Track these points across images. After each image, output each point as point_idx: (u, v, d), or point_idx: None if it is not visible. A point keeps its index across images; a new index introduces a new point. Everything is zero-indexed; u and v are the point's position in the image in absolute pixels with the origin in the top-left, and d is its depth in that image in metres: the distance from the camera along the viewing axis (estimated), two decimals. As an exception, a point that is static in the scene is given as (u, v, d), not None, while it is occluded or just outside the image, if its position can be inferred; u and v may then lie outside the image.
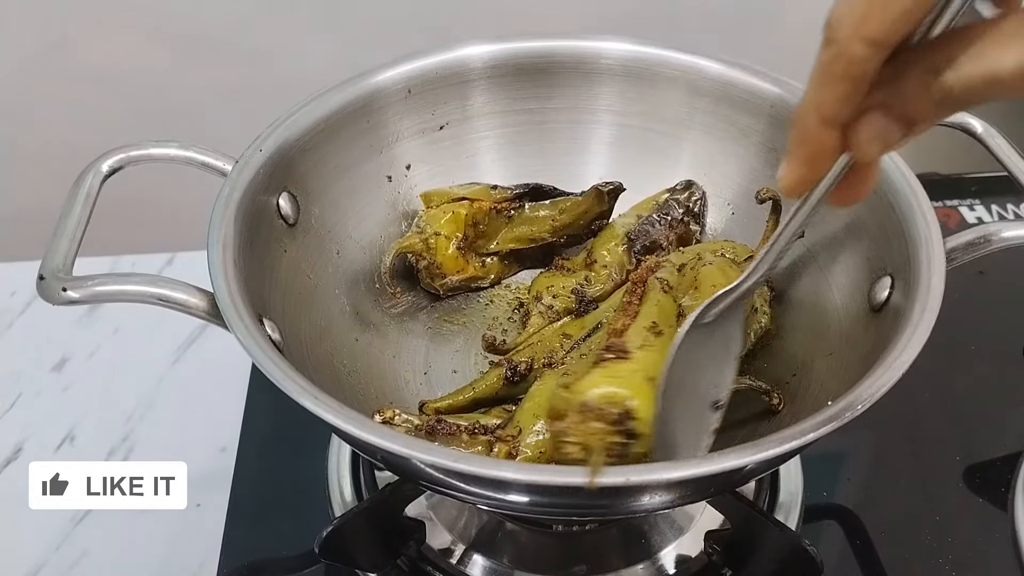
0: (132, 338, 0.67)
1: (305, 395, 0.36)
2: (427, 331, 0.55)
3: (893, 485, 0.56)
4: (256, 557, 0.52)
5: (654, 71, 0.56)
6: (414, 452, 0.34)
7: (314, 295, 0.51)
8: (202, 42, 0.99)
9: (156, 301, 0.41)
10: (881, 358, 0.39)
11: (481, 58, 0.56)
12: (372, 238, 0.55)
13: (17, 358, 0.66)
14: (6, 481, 0.58)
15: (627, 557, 0.51)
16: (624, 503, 0.39)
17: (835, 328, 0.48)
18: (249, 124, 0.50)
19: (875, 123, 0.32)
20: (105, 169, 0.47)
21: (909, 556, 0.52)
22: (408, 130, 0.56)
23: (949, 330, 0.42)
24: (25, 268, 0.65)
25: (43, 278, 0.40)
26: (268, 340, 0.40)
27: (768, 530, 0.48)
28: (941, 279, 0.41)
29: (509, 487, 0.36)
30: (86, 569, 0.53)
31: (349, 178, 0.54)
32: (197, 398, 0.63)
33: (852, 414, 0.36)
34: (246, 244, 0.44)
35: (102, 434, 0.60)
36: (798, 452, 0.41)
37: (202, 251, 0.42)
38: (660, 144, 0.58)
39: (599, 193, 0.56)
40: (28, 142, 1.04)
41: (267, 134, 0.49)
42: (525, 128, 0.58)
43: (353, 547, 0.50)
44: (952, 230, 0.43)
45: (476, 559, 0.51)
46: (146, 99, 1.02)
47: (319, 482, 0.55)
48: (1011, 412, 0.61)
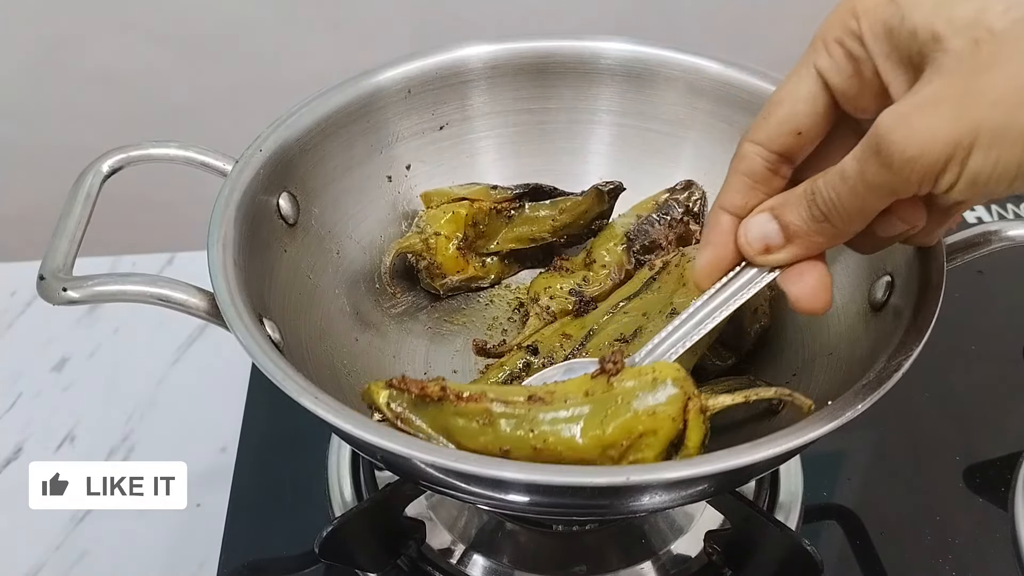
0: (132, 338, 0.67)
1: (305, 395, 0.36)
2: (427, 331, 0.55)
3: (893, 485, 0.56)
4: (256, 557, 0.52)
5: (654, 71, 0.56)
6: (413, 452, 0.34)
7: (314, 295, 0.51)
8: (202, 42, 0.99)
9: (156, 301, 0.41)
10: (881, 358, 0.39)
11: (481, 58, 0.56)
12: (372, 238, 0.55)
13: (17, 358, 0.66)
14: (6, 481, 0.58)
15: (627, 557, 0.51)
16: (624, 503, 0.39)
17: (835, 328, 0.48)
18: (249, 124, 0.50)
19: (758, 221, 0.37)
20: (105, 169, 0.47)
21: (909, 556, 0.52)
22: (408, 130, 0.56)
23: (949, 330, 0.42)
24: (25, 268, 0.65)
25: (43, 278, 0.40)
26: (268, 340, 0.40)
27: (768, 530, 0.48)
28: (941, 279, 0.41)
29: (509, 487, 0.36)
30: (86, 569, 0.53)
31: (349, 178, 0.54)
32: (197, 398, 0.63)
33: (852, 414, 0.36)
34: (246, 244, 0.44)
35: (102, 434, 0.60)
36: (798, 452, 0.41)
37: (202, 251, 0.42)
38: (660, 144, 0.58)
39: (599, 193, 0.56)
40: (29, 142, 1.04)
41: (267, 134, 0.49)
42: (525, 128, 0.58)
43: (353, 547, 0.50)
44: (952, 230, 0.43)
45: (476, 559, 0.51)
46: (146, 99, 1.02)
47: (319, 482, 0.55)
48: (1011, 412, 0.61)
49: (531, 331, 0.53)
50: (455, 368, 0.53)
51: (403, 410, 0.38)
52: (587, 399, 0.37)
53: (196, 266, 0.43)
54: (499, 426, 0.37)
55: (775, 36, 1.06)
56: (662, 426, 0.36)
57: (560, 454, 0.36)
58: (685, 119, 0.57)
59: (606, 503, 0.39)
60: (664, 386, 0.37)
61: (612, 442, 0.36)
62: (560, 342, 0.51)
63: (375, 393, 0.39)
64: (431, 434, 0.38)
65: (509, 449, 0.37)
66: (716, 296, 0.39)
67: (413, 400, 0.38)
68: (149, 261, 0.73)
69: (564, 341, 0.51)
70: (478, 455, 0.44)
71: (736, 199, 0.38)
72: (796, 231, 0.36)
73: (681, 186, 0.56)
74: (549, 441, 0.36)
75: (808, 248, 0.36)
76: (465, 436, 0.37)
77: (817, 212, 0.35)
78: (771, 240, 0.37)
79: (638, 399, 0.37)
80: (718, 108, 0.55)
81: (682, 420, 0.36)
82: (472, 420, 0.37)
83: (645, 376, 0.37)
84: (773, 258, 0.37)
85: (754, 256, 0.37)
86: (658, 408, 0.36)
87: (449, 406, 0.38)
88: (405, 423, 0.38)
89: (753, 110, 0.54)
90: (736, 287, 0.39)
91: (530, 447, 0.36)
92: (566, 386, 0.38)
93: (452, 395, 0.38)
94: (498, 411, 0.37)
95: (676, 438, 0.37)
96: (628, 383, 0.37)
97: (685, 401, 0.37)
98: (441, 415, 0.38)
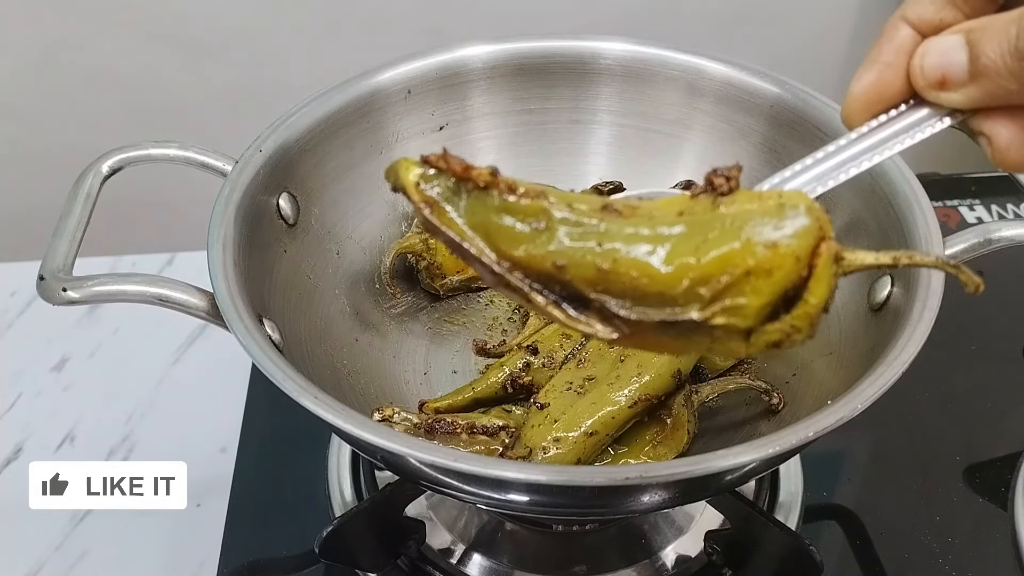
0: (132, 338, 0.67)
1: (305, 395, 0.36)
2: (427, 331, 0.55)
3: (893, 485, 0.56)
4: (256, 557, 0.52)
5: (654, 71, 0.56)
6: (413, 451, 0.34)
7: (314, 295, 0.51)
8: (202, 42, 0.99)
9: (156, 301, 0.41)
10: (881, 357, 0.39)
11: (481, 58, 0.56)
12: (372, 238, 0.55)
13: (17, 358, 0.66)
14: (6, 481, 0.58)
15: (627, 557, 0.51)
16: (624, 503, 0.39)
17: (835, 327, 0.48)
18: (249, 124, 0.50)
19: (945, 44, 0.29)
20: (105, 169, 0.47)
21: (909, 556, 0.52)
22: (408, 130, 0.56)
23: (949, 330, 0.42)
24: (25, 268, 0.65)
25: (43, 278, 0.40)
26: (268, 340, 0.40)
27: (768, 530, 0.48)
28: (941, 279, 0.41)
29: (509, 487, 0.36)
30: (86, 569, 0.53)
31: (349, 178, 0.54)
32: (197, 398, 0.63)
33: (852, 414, 0.36)
34: (246, 244, 0.44)
35: (102, 434, 0.60)
36: (798, 452, 0.41)
37: (202, 251, 0.42)
38: (660, 144, 0.58)
39: (599, 193, 0.56)
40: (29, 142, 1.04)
41: (267, 134, 0.49)
42: (525, 128, 0.58)
43: (353, 547, 0.50)
44: (952, 230, 0.43)
45: (476, 559, 0.51)
46: (146, 99, 1.02)
47: (319, 482, 0.55)
48: (1011, 412, 0.61)
49: (531, 331, 0.53)
50: (455, 368, 0.53)
51: (437, 195, 0.29)
52: (681, 219, 0.28)
53: (196, 266, 0.43)
54: (556, 233, 0.28)
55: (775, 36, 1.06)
56: (781, 265, 0.27)
57: (633, 281, 0.27)
58: (685, 119, 0.57)
59: (606, 503, 0.39)
60: (795, 214, 0.27)
61: (706, 276, 0.27)
62: (560, 342, 0.51)
63: (405, 170, 0.30)
64: (465, 233, 0.29)
65: (565, 265, 0.28)
66: (869, 136, 0.31)
67: (452, 185, 0.29)
68: (149, 261, 0.73)
69: (564, 341, 0.51)
70: (478, 455, 0.44)
71: (927, 9, 0.29)
72: (987, 67, 0.28)
73: (681, 186, 0.56)
74: (619, 261, 0.27)
75: (992, 94, 0.28)
76: (509, 241, 0.29)
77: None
78: (952, 71, 0.29)
79: (754, 225, 0.27)
80: (718, 108, 0.55)
81: (807, 265, 0.27)
82: (524, 220, 0.29)
83: (768, 200, 0.28)
84: (947, 96, 0.29)
85: (924, 88, 0.30)
86: (781, 241, 0.27)
87: (497, 198, 0.29)
88: (436, 213, 0.29)
89: (753, 110, 0.54)
90: (898, 128, 0.31)
91: (593, 267, 0.28)
92: (655, 203, 0.29)
93: (504, 184, 0.29)
94: (559, 215, 0.28)
95: (793, 288, 0.27)
96: (744, 206, 0.28)
97: (818, 240, 0.27)
98: (484, 209, 0.29)
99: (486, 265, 0.29)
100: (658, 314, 0.28)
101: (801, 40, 1.07)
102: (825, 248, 0.27)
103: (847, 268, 0.28)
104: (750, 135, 0.55)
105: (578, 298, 0.28)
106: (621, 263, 0.27)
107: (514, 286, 0.29)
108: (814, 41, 1.08)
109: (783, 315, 0.27)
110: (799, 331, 0.28)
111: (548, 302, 0.29)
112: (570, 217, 0.28)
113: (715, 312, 0.27)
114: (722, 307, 0.27)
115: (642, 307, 0.28)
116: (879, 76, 0.30)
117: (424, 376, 0.53)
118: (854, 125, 0.31)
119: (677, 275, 0.27)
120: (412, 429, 0.45)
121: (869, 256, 0.28)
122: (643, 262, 0.27)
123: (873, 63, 0.30)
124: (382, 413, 0.45)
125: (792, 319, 0.27)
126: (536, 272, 0.28)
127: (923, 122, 0.30)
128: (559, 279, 0.28)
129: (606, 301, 0.28)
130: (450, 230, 0.29)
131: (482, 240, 0.29)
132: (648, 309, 0.28)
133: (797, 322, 0.27)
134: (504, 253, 0.29)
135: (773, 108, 0.53)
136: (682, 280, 0.27)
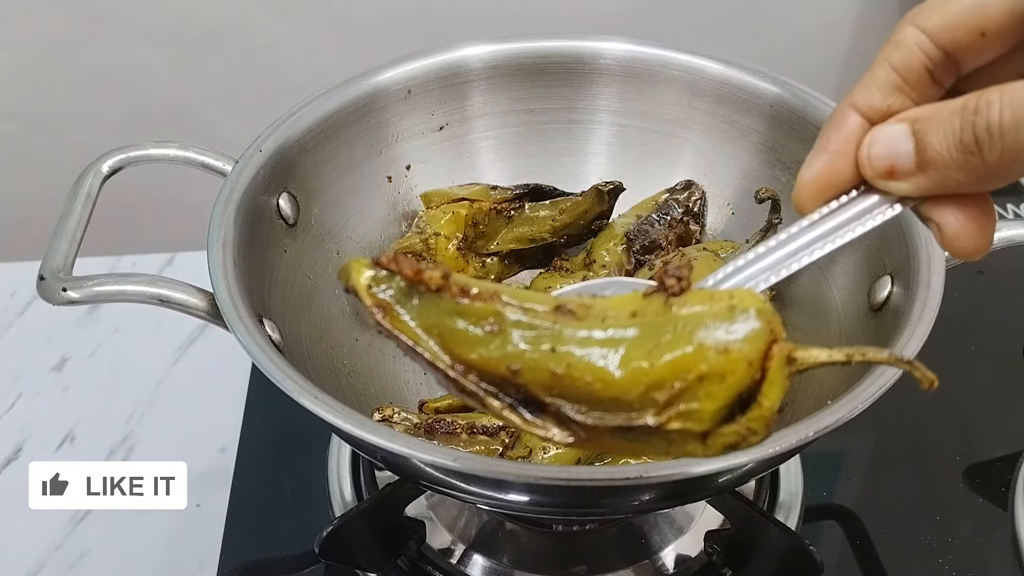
0: (132, 338, 0.67)
1: (305, 395, 0.36)
2: (427, 331, 0.55)
3: (893, 485, 0.56)
4: (256, 557, 0.52)
5: (654, 71, 0.56)
6: (413, 452, 0.34)
7: (314, 295, 0.51)
8: (202, 42, 0.99)
9: (156, 301, 0.41)
10: (881, 358, 0.39)
11: (481, 58, 0.56)
12: (372, 238, 0.55)
13: (17, 358, 0.66)
14: (6, 481, 0.58)
15: (627, 557, 0.51)
16: (624, 502, 0.39)
17: (835, 328, 0.48)
18: (249, 124, 0.50)
19: (891, 133, 0.29)
20: (105, 169, 0.47)
21: (909, 556, 0.52)
22: (408, 130, 0.56)
23: (949, 330, 0.42)
24: (25, 268, 0.65)
25: (43, 278, 0.40)
26: (268, 340, 0.40)
27: (768, 530, 0.48)
28: (941, 279, 0.41)
29: (509, 487, 0.36)
30: (86, 569, 0.53)
31: (349, 178, 0.54)
32: (197, 398, 0.63)
33: (852, 414, 0.36)
34: (246, 244, 0.44)
35: (102, 434, 0.60)
36: (798, 451, 0.41)
37: (202, 251, 0.42)
38: (660, 144, 0.58)
39: (599, 193, 0.56)
40: (28, 142, 1.04)
41: (267, 134, 0.49)
42: (525, 128, 0.59)
43: (353, 547, 0.50)
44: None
45: (476, 559, 0.51)
46: (146, 99, 1.02)
47: (319, 482, 0.55)
48: (1011, 412, 0.61)
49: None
50: (455, 368, 0.53)
51: (388, 298, 0.28)
52: (634, 320, 0.27)
53: (196, 266, 0.43)
54: (510, 336, 0.27)
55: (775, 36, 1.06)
56: (734, 370, 0.26)
57: (587, 386, 0.27)
58: (685, 119, 0.57)
59: (606, 503, 0.39)
60: (745, 317, 0.27)
61: (660, 381, 0.27)
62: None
63: (355, 272, 0.28)
64: (419, 336, 0.28)
65: (519, 369, 0.27)
66: (820, 224, 0.30)
67: (404, 287, 0.28)
68: (149, 261, 0.73)
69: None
70: (478, 455, 0.44)
71: (875, 97, 0.29)
72: (934, 158, 0.27)
73: (681, 186, 0.56)
74: (574, 365, 0.27)
75: (940, 184, 0.28)
76: (463, 343, 0.28)
77: (970, 138, 0.26)
78: (899, 162, 0.28)
79: (706, 329, 0.27)
80: (718, 108, 0.56)
81: (760, 368, 0.27)
82: (476, 323, 0.28)
83: (719, 302, 0.27)
84: (896, 186, 0.29)
85: (873, 178, 0.29)
86: (732, 345, 0.26)
87: (450, 300, 0.28)
88: (389, 316, 0.28)
89: (753, 110, 0.54)
90: (849, 215, 0.30)
91: (548, 371, 0.27)
92: (608, 302, 0.28)
93: (456, 287, 0.28)
94: (512, 317, 0.28)
95: (747, 391, 0.27)
96: (695, 307, 0.27)
97: (769, 343, 0.27)
98: (436, 311, 0.28)
99: (440, 370, 0.28)
100: (613, 419, 0.27)
101: (801, 40, 1.07)
102: (777, 350, 0.27)
103: (800, 367, 0.28)
104: (750, 135, 0.55)
105: (534, 402, 0.28)
106: (575, 367, 0.27)
107: (469, 391, 0.28)
108: (814, 41, 1.08)
109: (739, 416, 0.27)
110: (755, 433, 0.27)
111: (504, 406, 0.28)
112: (523, 319, 0.28)
113: (670, 417, 0.27)
114: (677, 412, 0.27)
115: (598, 412, 0.28)
116: (828, 165, 0.30)
117: (424, 376, 0.53)
118: (806, 212, 0.31)
119: (631, 380, 0.27)
120: (412, 429, 0.45)
121: (823, 354, 0.28)
122: (597, 367, 0.27)
123: (823, 151, 0.30)
124: (382, 413, 0.45)
125: (748, 421, 0.27)
126: (491, 375, 0.28)
127: (874, 209, 0.30)
128: (514, 383, 0.28)
129: (562, 405, 0.28)
130: (403, 334, 0.28)
131: (436, 343, 0.28)
132: (604, 414, 0.27)
133: (753, 424, 0.27)
134: (458, 356, 0.28)
135: (773, 108, 0.53)
136: (636, 385, 0.27)
